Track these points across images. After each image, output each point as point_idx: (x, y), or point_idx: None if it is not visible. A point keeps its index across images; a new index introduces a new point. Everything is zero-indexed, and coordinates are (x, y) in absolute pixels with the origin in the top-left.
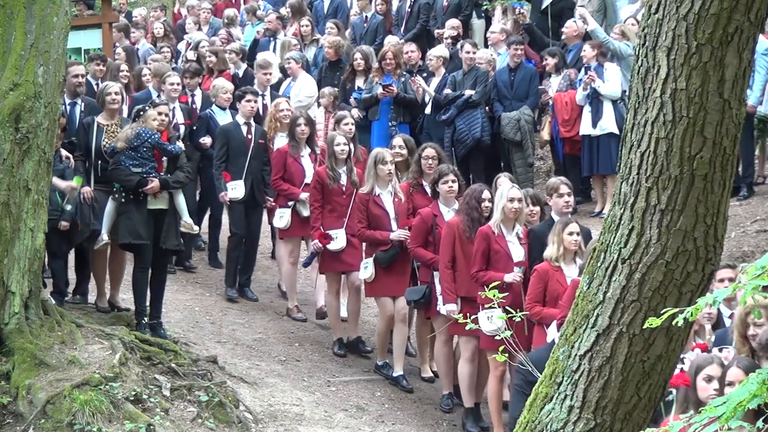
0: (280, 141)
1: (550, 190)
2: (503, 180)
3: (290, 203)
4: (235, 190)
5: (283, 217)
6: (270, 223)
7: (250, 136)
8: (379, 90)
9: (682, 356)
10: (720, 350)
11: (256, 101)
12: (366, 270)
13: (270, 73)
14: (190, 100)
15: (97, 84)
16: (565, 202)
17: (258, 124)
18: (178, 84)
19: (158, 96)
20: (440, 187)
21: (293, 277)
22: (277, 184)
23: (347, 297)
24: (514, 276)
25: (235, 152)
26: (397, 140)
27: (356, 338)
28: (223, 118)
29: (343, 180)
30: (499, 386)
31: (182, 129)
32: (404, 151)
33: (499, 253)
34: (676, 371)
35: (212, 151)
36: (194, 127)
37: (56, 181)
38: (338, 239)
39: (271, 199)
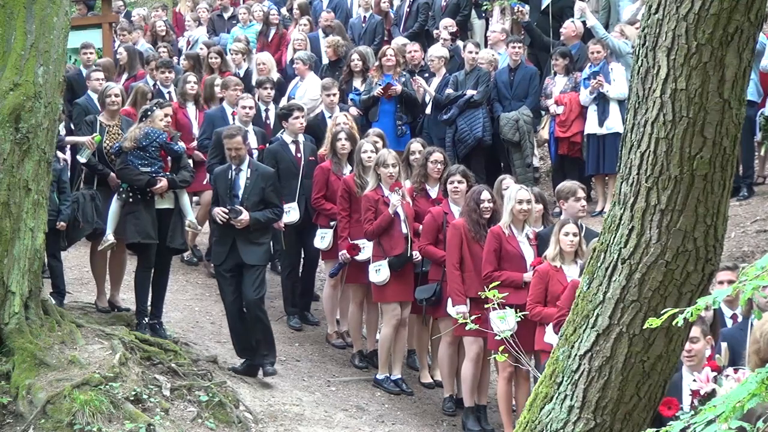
0: None
1: (566, 193)
2: (509, 182)
3: (332, 223)
4: (290, 213)
5: (324, 238)
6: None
7: (299, 155)
8: (378, 90)
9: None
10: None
11: (303, 116)
12: (379, 273)
13: (335, 94)
14: (264, 115)
15: (169, 92)
16: (582, 206)
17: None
18: (251, 108)
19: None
20: (448, 187)
21: (333, 301)
22: (318, 203)
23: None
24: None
25: (285, 173)
26: (416, 145)
27: (375, 350)
28: None
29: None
30: (507, 387)
31: (255, 154)
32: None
33: (512, 253)
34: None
35: None
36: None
37: (74, 138)
38: (366, 250)
39: None
